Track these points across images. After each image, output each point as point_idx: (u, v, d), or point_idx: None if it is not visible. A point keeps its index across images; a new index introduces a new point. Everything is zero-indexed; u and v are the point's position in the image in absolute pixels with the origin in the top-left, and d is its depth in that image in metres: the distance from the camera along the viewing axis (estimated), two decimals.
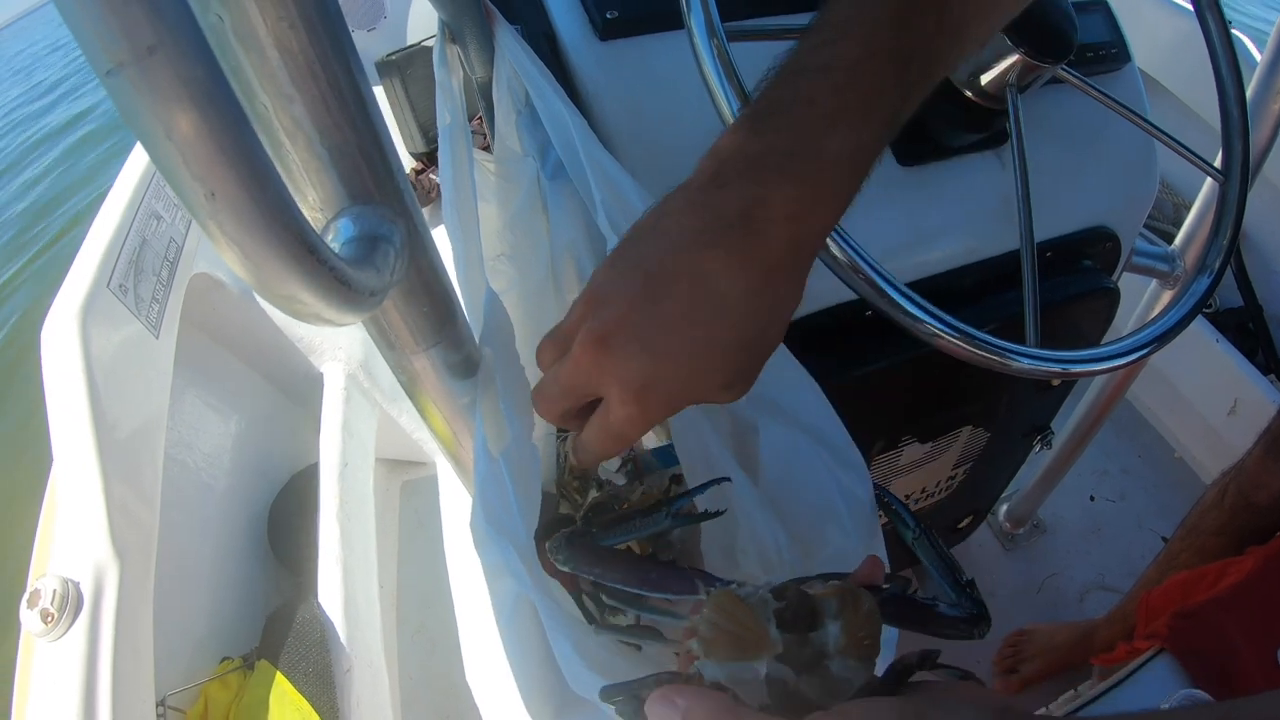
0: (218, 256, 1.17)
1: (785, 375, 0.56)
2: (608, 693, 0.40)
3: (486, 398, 0.49)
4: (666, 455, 0.64)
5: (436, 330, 0.46)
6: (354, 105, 0.35)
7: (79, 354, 0.95)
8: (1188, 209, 1.74)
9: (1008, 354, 0.61)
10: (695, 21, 0.51)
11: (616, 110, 0.63)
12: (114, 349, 1.00)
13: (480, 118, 0.73)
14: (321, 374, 1.41)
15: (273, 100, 0.33)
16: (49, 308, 0.98)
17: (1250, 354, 1.52)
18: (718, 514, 0.53)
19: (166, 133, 0.23)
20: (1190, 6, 0.78)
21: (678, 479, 0.61)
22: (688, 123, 0.62)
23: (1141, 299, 1.15)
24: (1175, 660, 0.90)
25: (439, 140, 0.59)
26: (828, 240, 0.53)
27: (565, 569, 0.46)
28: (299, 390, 1.51)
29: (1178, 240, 1.08)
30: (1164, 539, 1.57)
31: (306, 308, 0.29)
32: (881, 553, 0.53)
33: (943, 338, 0.60)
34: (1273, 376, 1.51)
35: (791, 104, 0.37)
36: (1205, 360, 1.54)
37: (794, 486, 0.57)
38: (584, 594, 0.58)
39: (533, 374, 0.56)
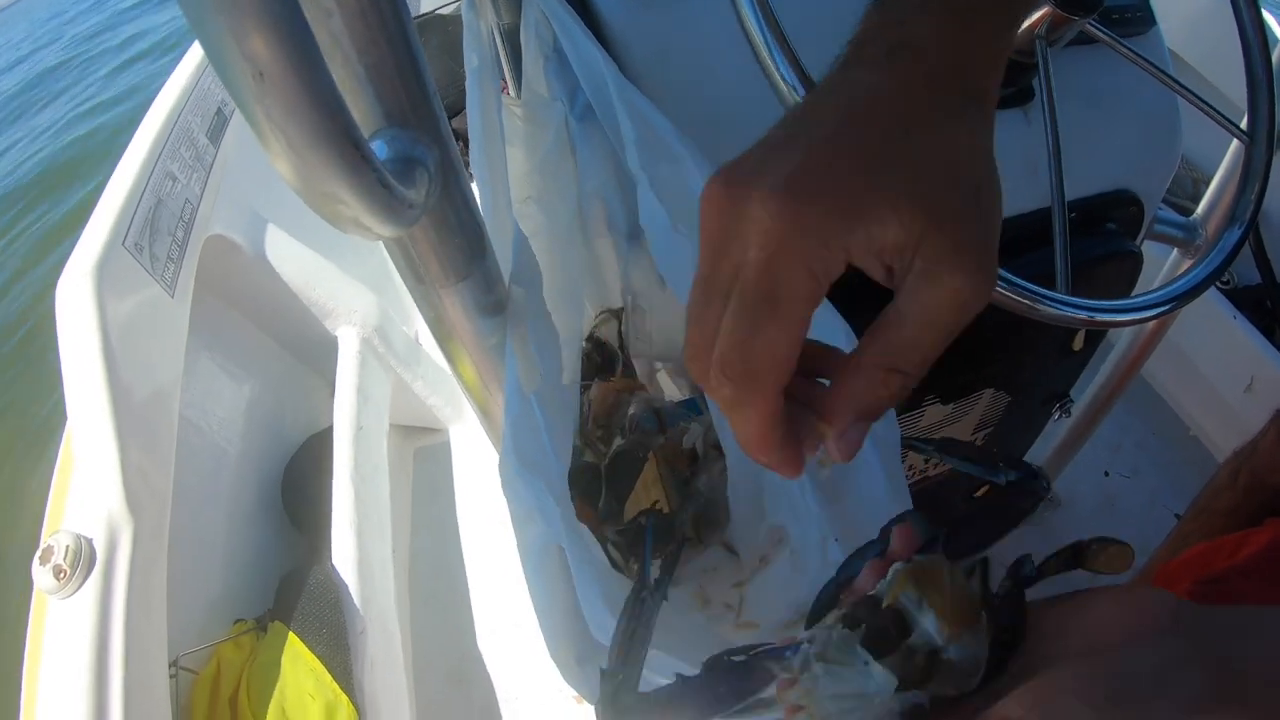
0: (233, 218, 1.16)
1: (820, 321, 0.56)
2: None
3: (516, 337, 0.49)
4: (692, 406, 0.64)
5: (467, 264, 0.45)
6: (392, 22, 0.34)
7: (94, 311, 0.94)
8: (1206, 184, 1.72)
9: (1039, 299, 0.60)
10: None
11: (644, 56, 0.62)
12: (130, 308, 1.00)
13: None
14: (335, 338, 1.40)
15: (312, 13, 0.32)
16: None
17: (1268, 332, 1.50)
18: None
19: (217, 4, 0.22)
20: None
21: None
22: (718, 70, 0.61)
23: (1161, 269, 1.14)
24: None
25: (467, 83, 0.58)
26: None
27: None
28: (312, 354, 1.50)
29: (1199, 210, 1.07)
30: (1176, 515, 1.57)
31: (346, 209, 0.29)
32: (904, 493, 0.52)
33: None
34: None
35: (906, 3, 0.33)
36: (1222, 336, 1.53)
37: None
38: (609, 542, 0.58)
39: (558, 319, 0.55)
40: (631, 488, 0.56)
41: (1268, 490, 1.08)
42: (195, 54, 1.40)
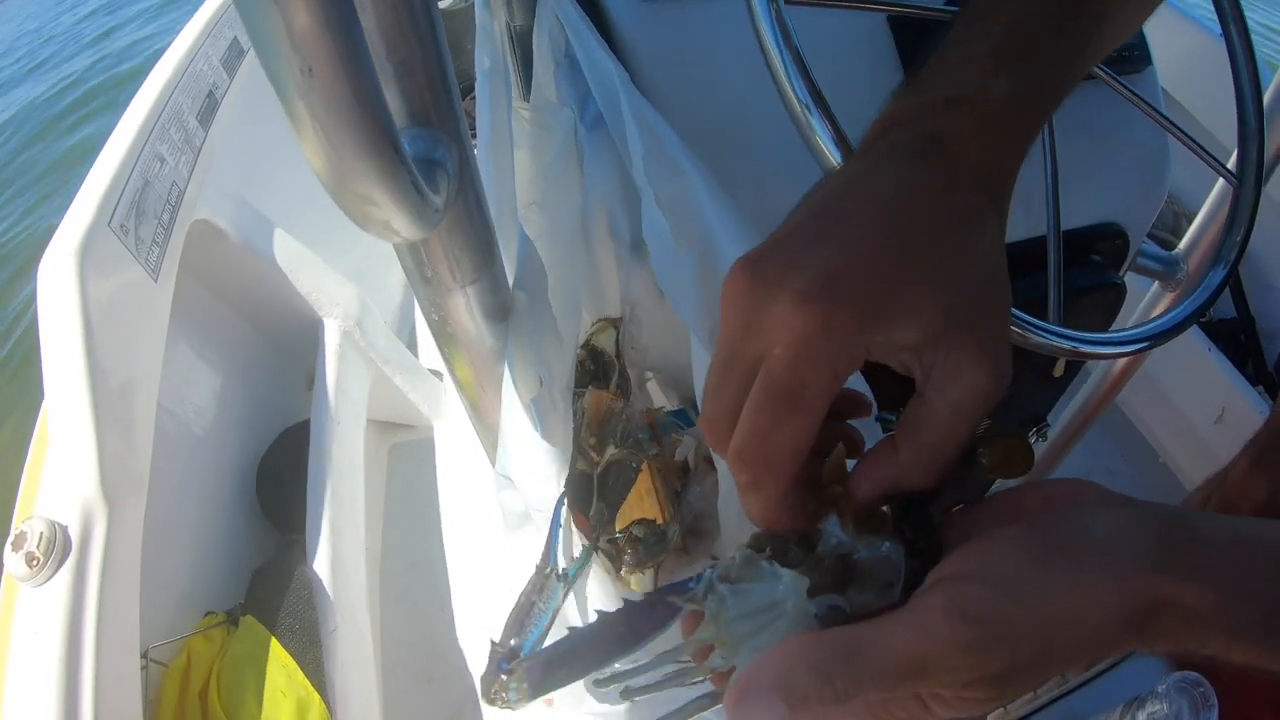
0: (220, 203, 1.14)
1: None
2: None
3: (520, 343, 0.49)
4: (683, 417, 0.64)
5: (476, 268, 0.45)
6: (423, 20, 0.34)
7: (76, 291, 0.93)
8: (1188, 218, 1.75)
9: (1030, 328, 0.61)
10: None
11: (656, 70, 0.62)
12: (112, 290, 0.98)
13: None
14: (315, 330, 1.39)
15: None
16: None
17: (1241, 365, 1.54)
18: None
19: None
20: (1211, 10, 0.79)
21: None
22: (730, 88, 0.61)
23: (1141, 301, 1.16)
24: None
25: (477, 84, 0.58)
26: None
27: (527, 701, 0.36)
28: (291, 345, 1.48)
29: (1182, 244, 1.09)
30: None
31: (378, 211, 0.28)
32: None
33: None
34: (1261, 388, 1.53)
35: (950, 65, 0.36)
36: (1196, 368, 1.56)
37: None
38: (600, 550, 0.58)
39: (562, 325, 0.55)
40: (624, 498, 0.56)
41: None
42: (190, 32, 1.38)
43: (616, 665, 0.35)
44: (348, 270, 1.50)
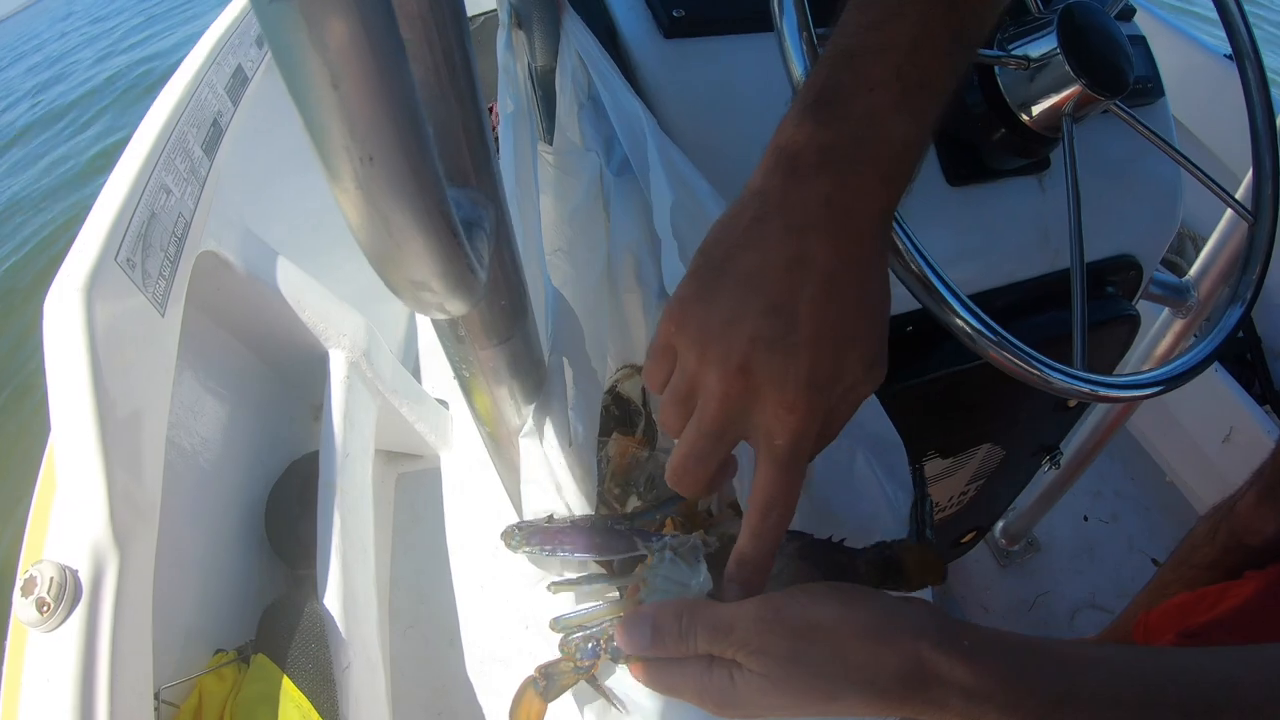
0: (225, 234, 1.13)
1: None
2: (561, 623, 0.46)
3: (549, 399, 0.48)
4: None
5: (509, 325, 0.44)
6: (464, 78, 0.33)
7: (82, 328, 0.91)
8: (1192, 239, 1.76)
9: (1051, 373, 0.61)
10: (787, 23, 0.50)
11: (680, 110, 0.62)
12: (119, 325, 0.97)
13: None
14: (322, 361, 1.38)
15: None
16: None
17: (1247, 385, 1.54)
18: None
19: (333, 80, 0.21)
20: (1216, 29, 0.79)
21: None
22: (754, 128, 0.61)
23: (1151, 326, 1.16)
24: None
25: (500, 127, 0.58)
26: (901, 252, 0.53)
27: (525, 550, 0.49)
28: (298, 377, 1.47)
29: (1192, 272, 1.10)
30: (1154, 560, 1.59)
31: (431, 297, 0.28)
32: None
33: (992, 348, 0.59)
34: (1268, 407, 1.53)
35: (854, 91, 0.38)
36: (1203, 388, 1.56)
37: (842, 494, 0.56)
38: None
39: (591, 378, 0.55)
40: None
41: (1247, 550, 1.10)
42: (194, 60, 1.37)
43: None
44: (353, 296, 1.49)
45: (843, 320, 0.37)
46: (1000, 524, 1.58)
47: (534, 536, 0.48)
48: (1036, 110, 0.67)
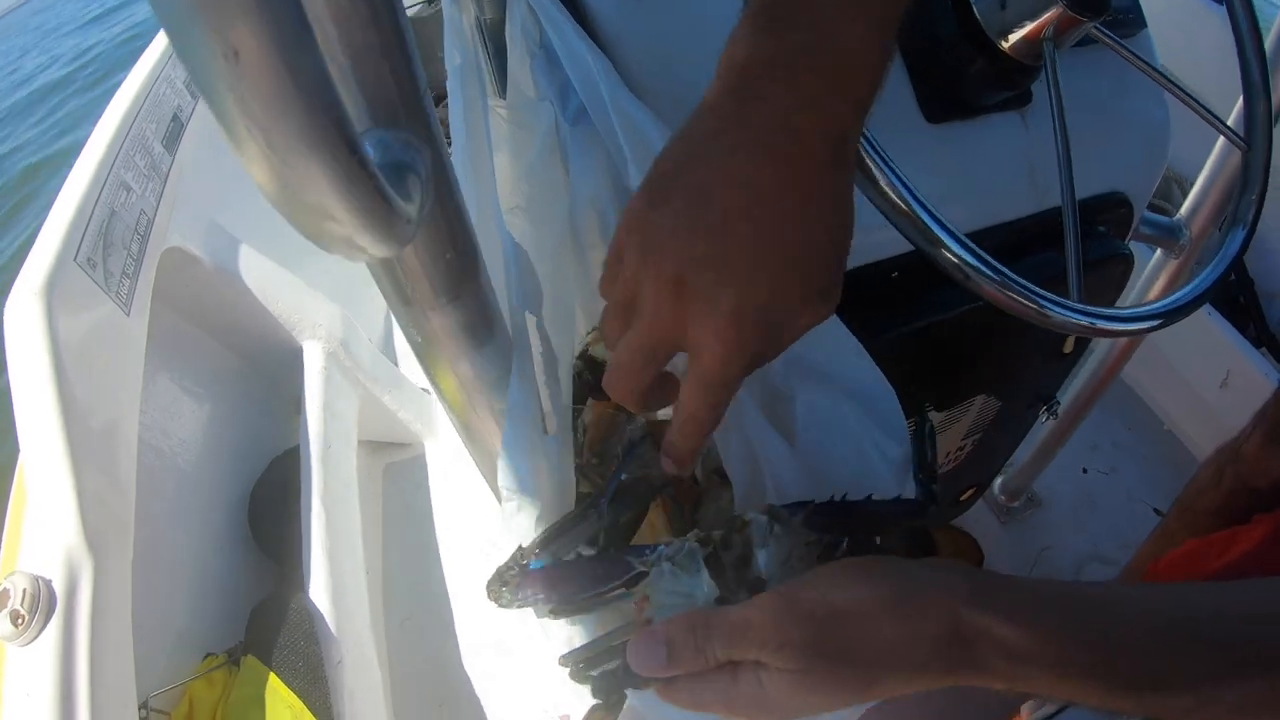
0: (192, 229, 1.10)
1: (824, 334, 0.53)
2: (570, 659, 0.43)
3: (519, 364, 0.45)
4: None
5: (458, 283, 0.41)
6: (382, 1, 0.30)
7: (44, 332, 0.88)
8: (1178, 182, 1.73)
9: (1047, 305, 0.58)
10: None
11: (640, 59, 0.58)
12: (83, 328, 0.94)
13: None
14: (299, 353, 1.35)
15: None
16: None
17: (1242, 328, 1.51)
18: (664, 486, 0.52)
19: None
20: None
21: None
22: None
23: (1144, 269, 1.14)
24: None
25: (449, 82, 0.55)
26: (885, 188, 0.50)
27: (515, 608, 0.45)
28: (275, 371, 1.44)
29: (1184, 209, 1.07)
30: (1155, 510, 1.58)
31: (337, 227, 0.24)
32: None
33: (986, 283, 0.56)
34: (1264, 350, 1.51)
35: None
36: (1197, 333, 1.54)
37: (831, 450, 0.54)
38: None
39: (553, 338, 0.52)
40: (635, 529, 0.53)
41: (1254, 493, 1.08)
42: (150, 56, 1.33)
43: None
44: (330, 287, 1.46)
45: (784, 245, 0.35)
46: (999, 480, 1.55)
47: (523, 589, 0.45)
48: (1015, 37, 0.64)
